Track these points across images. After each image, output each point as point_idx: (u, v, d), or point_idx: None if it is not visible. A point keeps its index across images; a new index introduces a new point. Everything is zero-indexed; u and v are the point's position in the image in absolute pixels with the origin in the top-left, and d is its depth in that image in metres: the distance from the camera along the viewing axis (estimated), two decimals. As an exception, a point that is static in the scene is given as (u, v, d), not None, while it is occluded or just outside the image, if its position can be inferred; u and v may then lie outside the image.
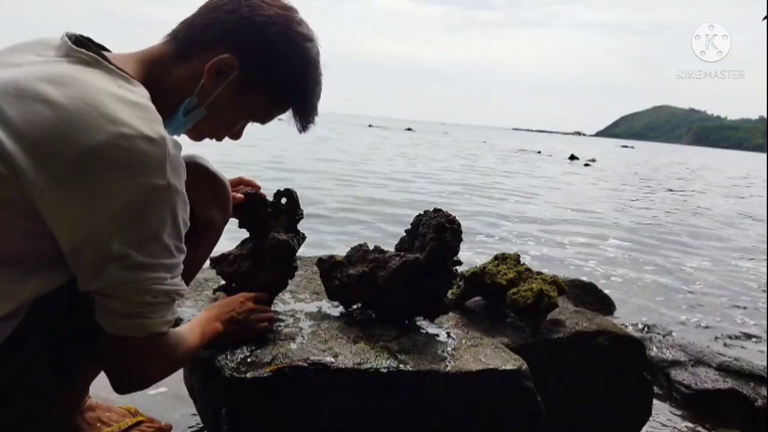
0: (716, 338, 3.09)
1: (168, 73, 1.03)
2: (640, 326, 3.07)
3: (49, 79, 0.88)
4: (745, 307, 3.77)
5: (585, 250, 5.26)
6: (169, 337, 1.02)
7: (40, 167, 0.82)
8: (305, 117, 1.15)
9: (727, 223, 8.32)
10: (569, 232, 6.15)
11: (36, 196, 0.83)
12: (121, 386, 1.03)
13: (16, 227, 0.86)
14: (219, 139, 1.17)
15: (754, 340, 3.13)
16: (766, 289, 4.30)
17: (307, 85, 1.12)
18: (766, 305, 3.80)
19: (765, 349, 2.94)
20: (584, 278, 3.67)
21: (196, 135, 1.15)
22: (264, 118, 1.15)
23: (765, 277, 4.76)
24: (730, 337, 3.13)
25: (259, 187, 1.50)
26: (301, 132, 1.16)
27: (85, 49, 0.95)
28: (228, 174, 1.37)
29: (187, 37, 1.04)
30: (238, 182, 1.49)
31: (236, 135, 1.18)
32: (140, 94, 0.93)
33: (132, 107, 0.88)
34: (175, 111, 1.06)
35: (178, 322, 1.43)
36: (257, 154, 11.91)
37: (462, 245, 1.50)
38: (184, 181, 0.93)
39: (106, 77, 0.92)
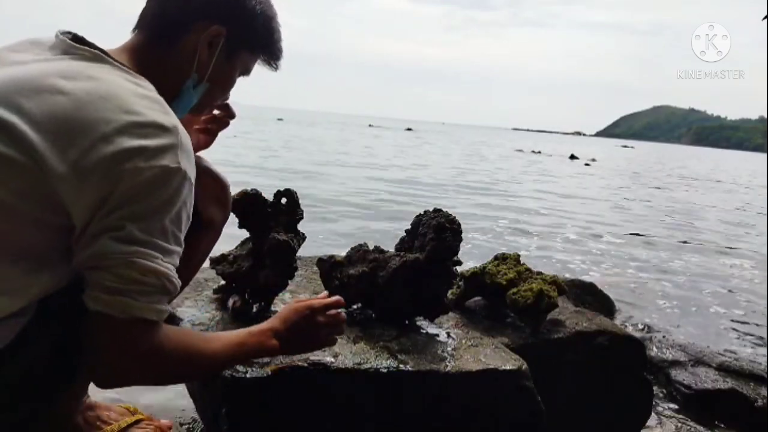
0: (716, 338, 3.09)
1: (156, 61, 1.07)
2: (640, 326, 3.07)
3: (61, 74, 0.92)
4: (745, 307, 3.78)
5: (585, 249, 5.26)
6: (160, 332, 0.95)
7: (60, 155, 0.85)
8: (277, 58, 1.23)
9: (727, 223, 8.32)
10: (569, 232, 6.15)
11: (57, 183, 0.85)
12: (95, 376, 0.97)
13: (33, 219, 0.88)
14: (215, 107, 1.27)
15: (754, 339, 3.13)
16: (766, 288, 4.30)
17: (278, 29, 1.20)
18: (766, 305, 3.80)
19: (765, 349, 2.94)
20: (584, 278, 3.67)
21: (199, 111, 1.22)
22: (248, 71, 1.23)
23: (765, 276, 4.76)
24: (730, 337, 3.13)
25: (233, 116, 1.39)
26: (276, 71, 1.25)
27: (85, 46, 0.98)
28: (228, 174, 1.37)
29: (164, 24, 1.08)
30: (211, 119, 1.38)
31: (226, 97, 1.25)
32: (148, 88, 0.97)
33: (145, 99, 0.93)
34: (179, 92, 1.10)
35: (177, 322, 1.43)
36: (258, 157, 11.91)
37: (461, 245, 1.50)
38: (194, 171, 0.96)
39: (113, 72, 0.96)
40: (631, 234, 6.47)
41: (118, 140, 0.87)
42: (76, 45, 0.98)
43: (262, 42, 1.18)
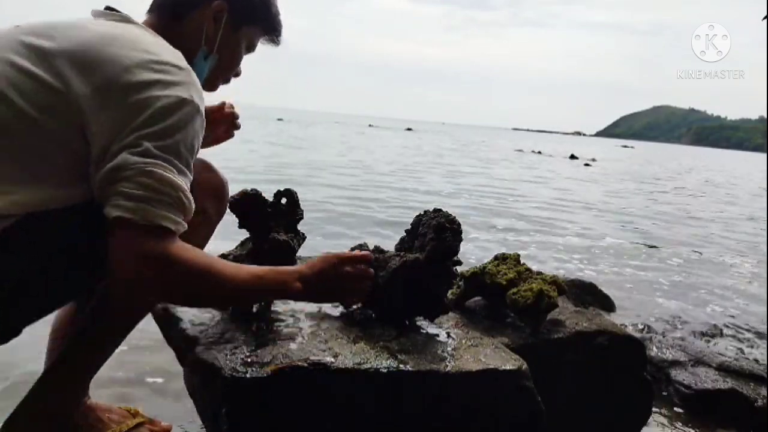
0: (716, 338, 3.08)
1: (167, 38, 1.16)
2: (640, 326, 3.07)
3: (91, 22, 1.10)
4: (745, 307, 3.78)
5: (585, 249, 5.26)
6: (179, 243, 0.99)
7: (85, 79, 0.97)
8: (278, 32, 1.37)
9: (726, 223, 8.32)
10: (569, 232, 6.15)
11: (80, 104, 0.96)
12: (115, 288, 1.04)
13: (53, 135, 0.96)
14: (227, 81, 1.38)
15: (754, 339, 3.13)
16: (766, 288, 4.30)
17: (275, 4, 1.34)
18: (765, 305, 3.80)
19: (765, 349, 2.94)
20: (584, 278, 3.67)
21: (211, 84, 1.33)
22: (253, 46, 1.36)
23: (765, 276, 4.76)
24: (730, 337, 3.13)
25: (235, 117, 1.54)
26: (278, 45, 1.38)
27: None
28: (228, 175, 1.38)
29: (172, 4, 1.23)
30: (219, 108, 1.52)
31: (237, 73, 1.38)
32: (166, 43, 1.11)
33: (163, 47, 1.07)
34: (192, 64, 1.18)
35: (176, 322, 1.43)
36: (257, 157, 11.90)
37: (461, 245, 1.50)
38: (204, 109, 1.06)
39: (137, 28, 1.12)
40: (630, 233, 6.48)
41: (138, 72, 0.98)
42: (106, 12, 1.15)
43: (261, 16, 1.31)
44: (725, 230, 7.59)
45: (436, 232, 1.46)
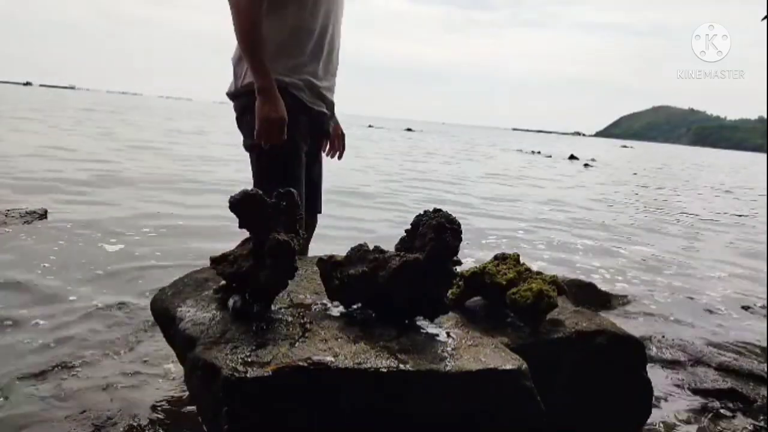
0: (716, 338, 3.08)
1: None
2: (640, 326, 3.07)
3: None
4: (745, 307, 3.78)
5: (584, 249, 5.27)
6: None
7: None
8: None
9: (726, 222, 8.32)
10: (568, 232, 6.15)
11: None
12: None
13: None
14: None
15: (754, 339, 3.13)
16: (765, 289, 4.30)
17: None
18: (765, 305, 3.80)
19: (765, 348, 2.94)
20: (583, 278, 3.67)
21: None
22: None
23: (764, 276, 4.76)
24: (729, 337, 3.13)
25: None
26: None
27: None
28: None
29: None
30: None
31: None
32: None
33: None
34: None
35: (177, 323, 1.43)
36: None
37: (461, 245, 1.50)
38: None
39: None
40: (629, 233, 6.48)
41: None
42: None
43: None
44: (725, 229, 7.59)
45: (436, 232, 1.46)
